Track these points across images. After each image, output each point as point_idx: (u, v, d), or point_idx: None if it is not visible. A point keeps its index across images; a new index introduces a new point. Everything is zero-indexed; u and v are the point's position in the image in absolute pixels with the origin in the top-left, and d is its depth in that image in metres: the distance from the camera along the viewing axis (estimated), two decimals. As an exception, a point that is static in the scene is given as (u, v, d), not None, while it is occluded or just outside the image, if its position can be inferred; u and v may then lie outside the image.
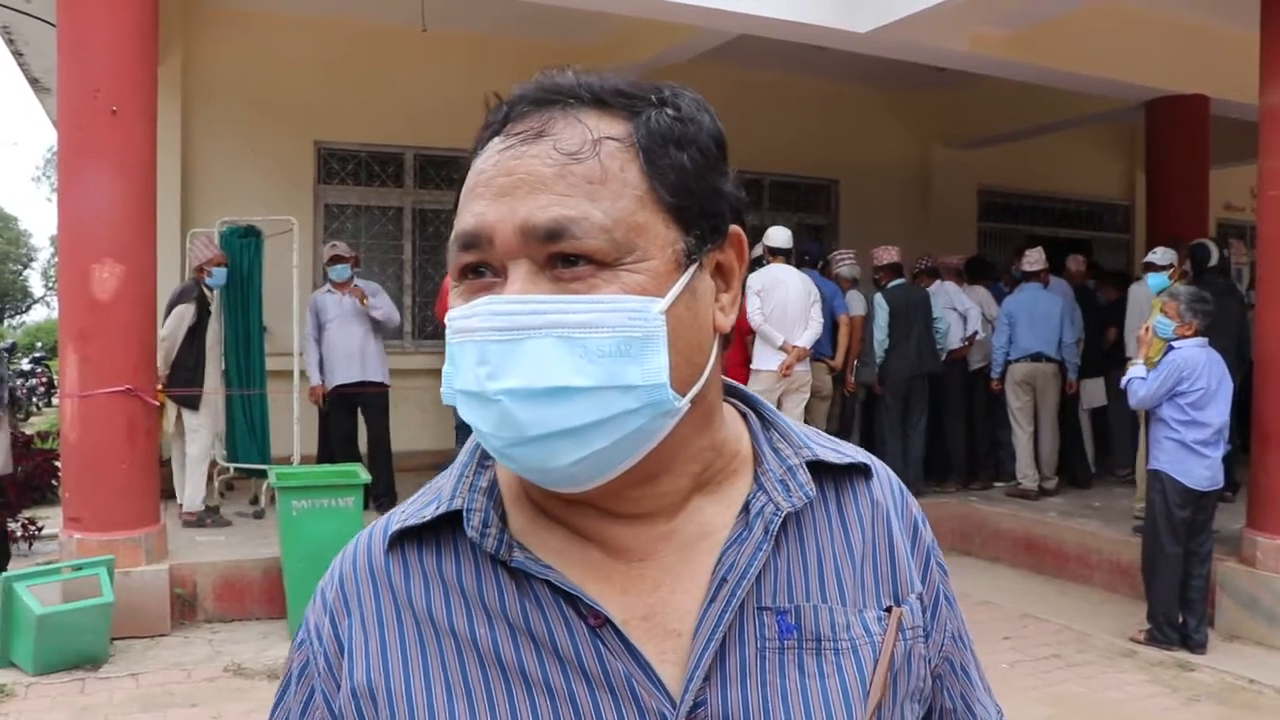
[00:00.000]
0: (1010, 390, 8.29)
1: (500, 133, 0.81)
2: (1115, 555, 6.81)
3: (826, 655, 0.82)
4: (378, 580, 0.86)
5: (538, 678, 0.79)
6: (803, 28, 7.07)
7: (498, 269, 0.77)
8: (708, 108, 0.84)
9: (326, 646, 0.86)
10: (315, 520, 5.60)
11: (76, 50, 5.58)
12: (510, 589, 0.81)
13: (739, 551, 0.82)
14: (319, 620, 0.88)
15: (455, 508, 0.84)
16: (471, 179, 0.80)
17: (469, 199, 0.79)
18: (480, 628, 0.81)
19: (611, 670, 0.78)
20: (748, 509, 0.84)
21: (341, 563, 0.90)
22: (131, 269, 5.65)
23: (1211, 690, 5.15)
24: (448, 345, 0.78)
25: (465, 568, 0.83)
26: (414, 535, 0.86)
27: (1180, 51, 8.60)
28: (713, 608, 0.80)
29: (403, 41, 8.95)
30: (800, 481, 0.86)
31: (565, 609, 0.80)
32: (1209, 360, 5.54)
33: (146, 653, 5.41)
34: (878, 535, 0.91)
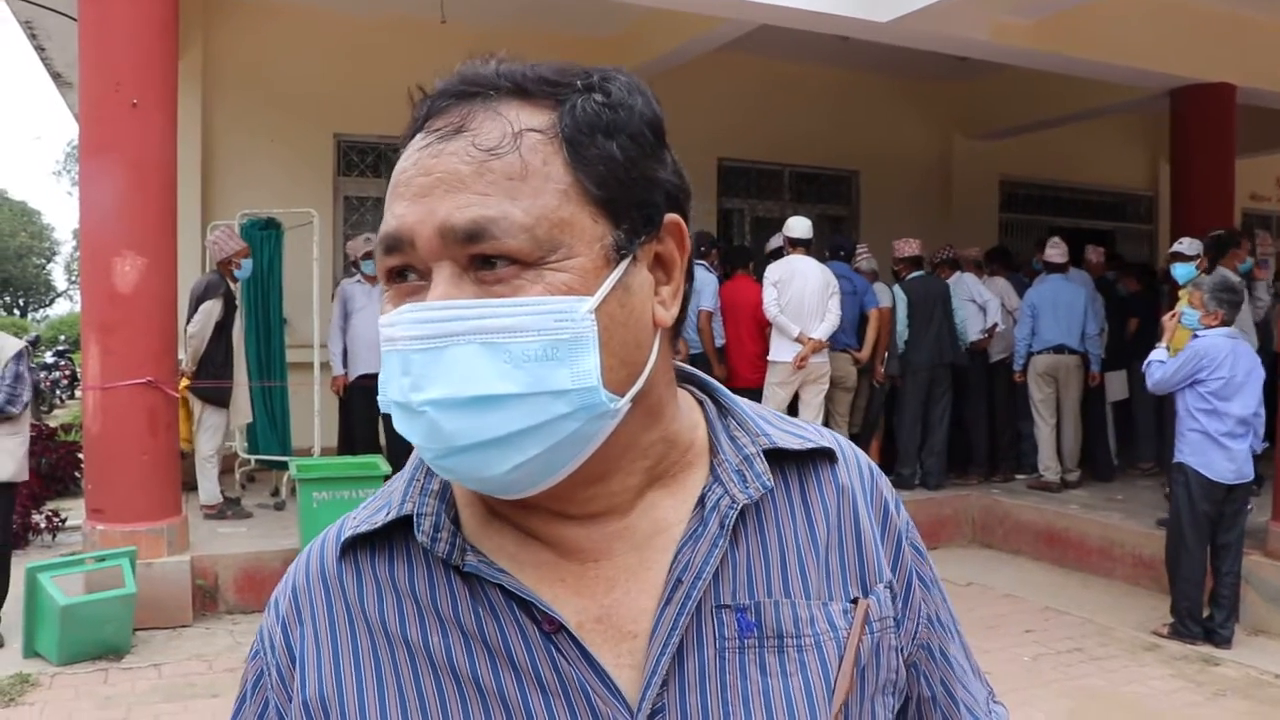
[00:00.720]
0: (1033, 382, 8.24)
1: (421, 129, 0.78)
2: (1138, 548, 6.76)
3: (789, 653, 0.79)
4: (330, 588, 0.83)
5: (491, 687, 0.76)
6: (824, 18, 7.03)
7: (423, 272, 0.74)
8: (642, 90, 0.79)
9: (279, 657, 0.84)
10: (336, 512, 5.61)
11: (97, 44, 5.61)
12: (463, 595, 0.79)
13: (694, 549, 0.79)
14: (272, 632, 0.85)
15: (406, 513, 0.81)
16: (393, 179, 0.77)
17: (390, 200, 0.76)
18: (433, 636, 0.78)
19: (566, 677, 0.76)
20: (703, 503, 0.81)
21: (294, 571, 0.87)
22: (152, 261, 5.67)
23: (1236, 685, 5.11)
24: (384, 352, 0.75)
25: (418, 574, 0.80)
26: (366, 541, 0.83)
27: (1206, 39, 8.49)
28: (668, 610, 0.77)
29: (422, 34, 8.93)
30: (757, 471, 0.83)
31: (519, 614, 0.77)
32: (1234, 350, 5.48)
33: (168, 643, 5.44)
34: (844, 523, 0.87)
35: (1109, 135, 12.51)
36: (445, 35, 8.62)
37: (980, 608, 6.33)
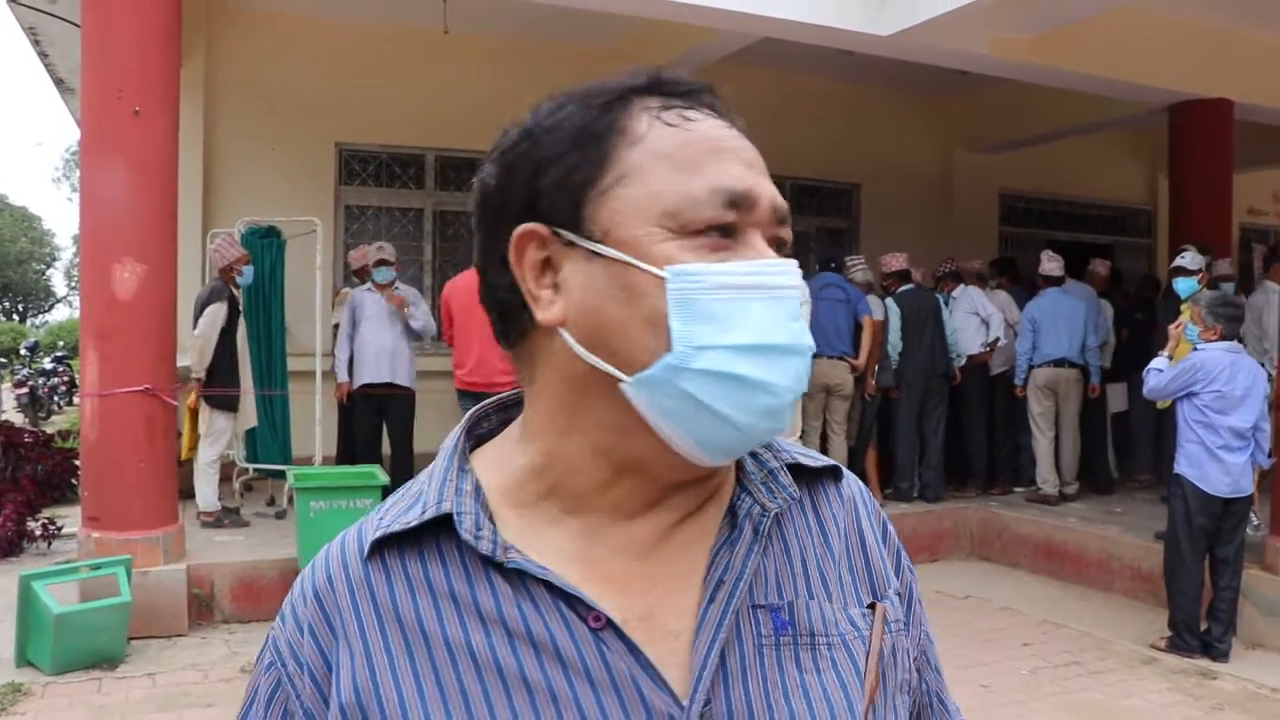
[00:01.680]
0: (1032, 395, 8.25)
1: (694, 107, 0.82)
2: (1136, 562, 6.75)
3: (820, 650, 0.83)
4: (357, 591, 0.82)
5: (540, 683, 0.76)
6: (824, 31, 7.05)
7: (730, 231, 0.77)
8: None
9: (311, 666, 0.82)
10: (333, 521, 5.61)
11: (100, 51, 5.62)
12: (505, 592, 0.79)
13: (732, 552, 0.82)
14: (294, 640, 0.83)
15: (445, 511, 0.81)
16: (705, 141, 0.79)
17: (718, 159, 0.79)
18: (475, 634, 0.78)
19: (616, 672, 0.77)
20: (734, 511, 0.85)
21: (313, 577, 0.85)
22: (152, 269, 5.67)
23: (1234, 699, 5.10)
24: (695, 300, 0.75)
25: (454, 573, 0.80)
26: (394, 543, 0.82)
27: (1204, 55, 8.52)
28: (712, 608, 0.80)
29: (424, 43, 8.97)
30: (783, 484, 0.87)
31: (564, 610, 0.78)
32: (1233, 364, 5.49)
33: (163, 653, 5.43)
34: (851, 535, 0.92)
35: (1108, 150, 12.54)
36: (448, 45, 8.64)
37: (978, 620, 6.32)
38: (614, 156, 0.79)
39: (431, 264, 9.86)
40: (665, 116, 0.80)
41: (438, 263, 9.90)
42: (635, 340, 0.76)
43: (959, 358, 8.37)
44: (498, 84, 9.42)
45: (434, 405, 8.49)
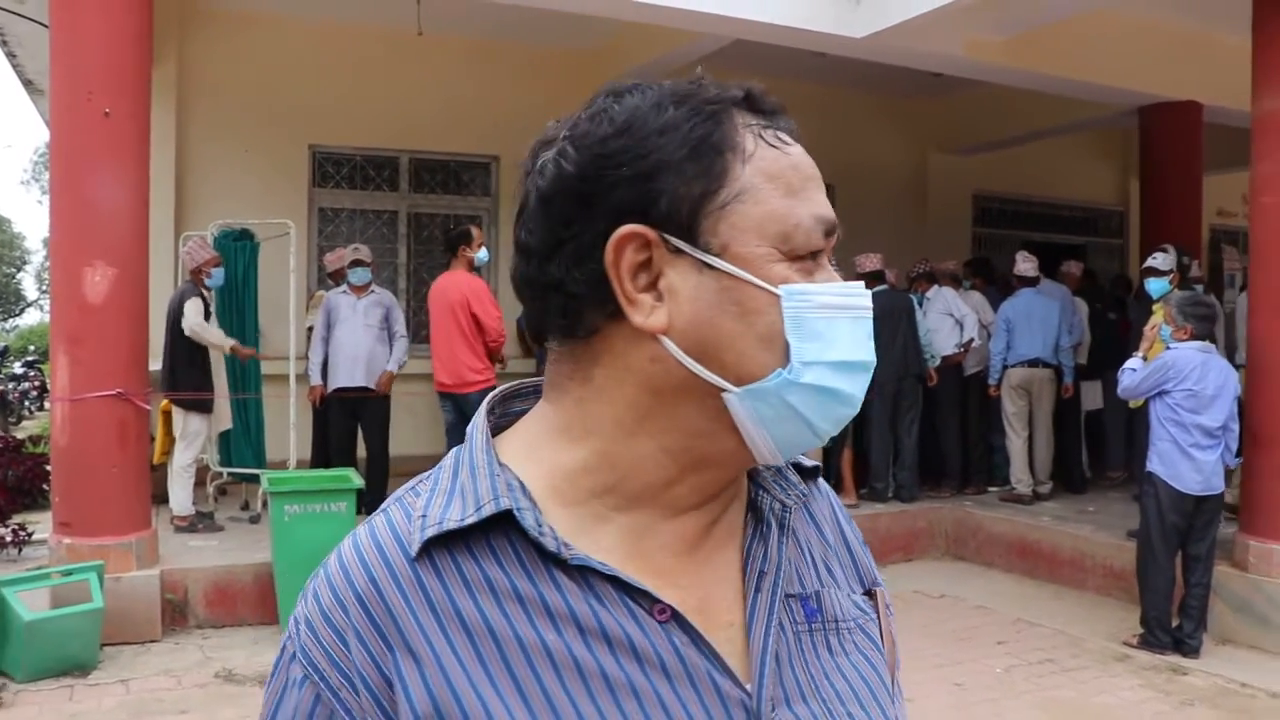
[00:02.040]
0: (1006, 395, 8.31)
1: (781, 128, 0.84)
2: (1109, 560, 6.81)
3: (844, 634, 0.88)
4: (410, 595, 0.77)
5: (620, 679, 0.76)
6: (799, 33, 7.08)
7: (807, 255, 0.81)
8: None
9: (364, 676, 0.76)
10: (307, 525, 5.58)
11: (69, 52, 5.57)
12: (571, 589, 0.78)
13: (765, 546, 0.86)
14: (335, 651, 0.78)
15: (504, 508, 0.78)
16: (801, 168, 0.83)
17: (811, 186, 0.83)
18: (548, 633, 0.76)
19: (689, 662, 0.78)
20: (755, 507, 0.89)
21: (350, 581, 0.79)
22: (124, 272, 5.62)
23: (1204, 694, 5.15)
24: (806, 318, 0.79)
25: (513, 571, 0.78)
26: (442, 542, 0.79)
27: (1173, 58, 8.62)
28: (760, 598, 0.84)
29: (398, 45, 8.94)
30: (792, 481, 0.92)
31: (630, 605, 0.78)
32: (1205, 363, 5.55)
33: (136, 659, 5.38)
34: (834, 529, 0.97)
35: (1080, 151, 12.66)
36: (422, 47, 8.62)
37: (953, 619, 6.36)
38: (731, 172, 0.79)
39: (406, 266, 9.82)
40: (766, 136, 0.82)
41: (412, 265, 9.87)
42: (746, 354, 0.78)
43: (933, 358, 8.41)
44: (472, 86, 9.42)
45: (409, 408, 8.48)
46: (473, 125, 9.55)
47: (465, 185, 10.05)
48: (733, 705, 0.78)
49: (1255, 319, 6.11)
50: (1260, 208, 5.99)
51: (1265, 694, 5.14)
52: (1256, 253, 6.11)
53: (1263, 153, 5.95)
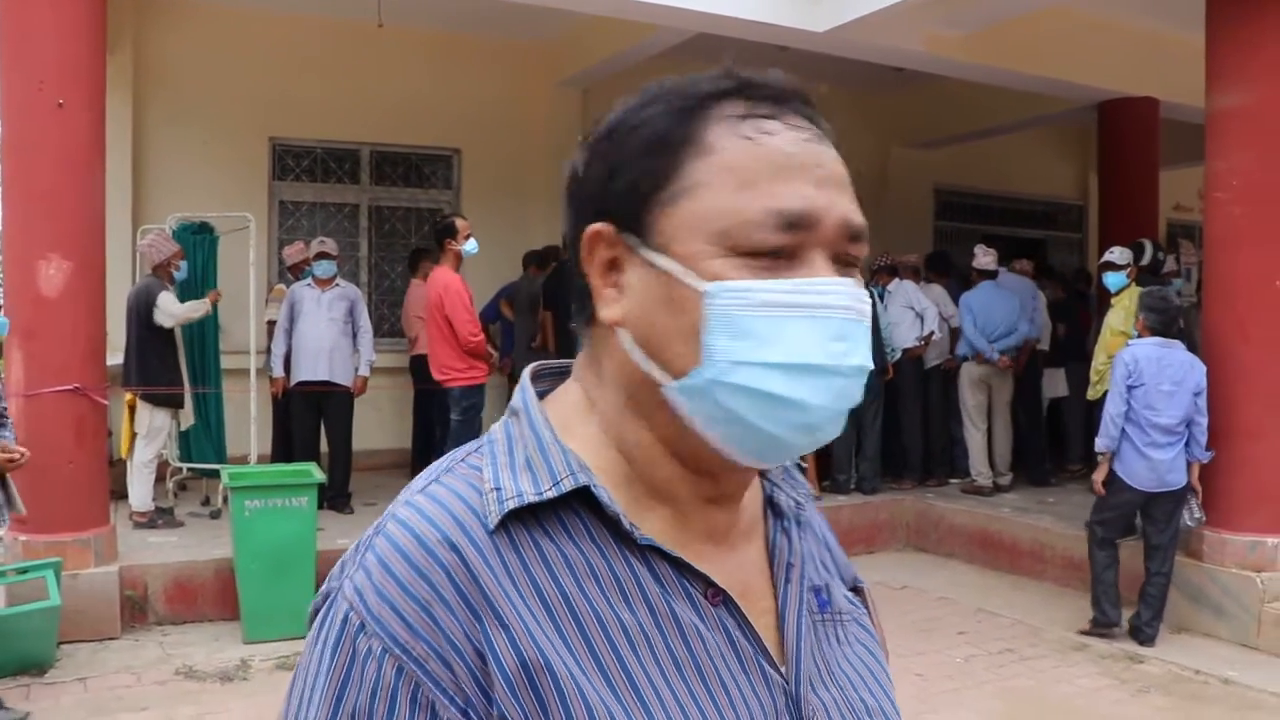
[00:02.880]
0: (966, 388, 8.38)
1: (777, 118, 0.81)
2: (1068, 551, 6.90)
3: (846, 626, 0.92)
4: (491, 564, 0.76)
5: (686, 658, 0.79)
6: (761, 27, 7.09)
7: (793, 251, 0.78)
8: None
9: (459, 647, 0.73)
10: (268, 520, 5.54)
11: (20, 41, 5.48)
12: (640, 568, 0.80)
13: (789, 539, 0.90)
14: (417, 622, 0.74)
15: (582, 484, 0.79)
16: (775, 156, 0.79)
17: (783, 178, 0.78)
18: (622, 611, 0.78)
19: (739, 645, 0.82)
20: (773, 503, 0.92)
21: (431, 554, 0.76)
22: (80, 265, 5.55)
23: (1159, 681, 5.24)
24: (736, 316, 0.76)
25: (586, 547, 0.79)
26: (517, 516, 0.79)
27: (1131, 55, 8.73)
28: (790, 588, 0.88)
29: (359, 37, 8.87)
30: (797, 480, 0.96)
31: (688, 587, 0.81)
32: (1160, 359, 5.62)
33: (95, 656, 5.32)
34: (817, 528, 0.99)
35: (1040, 146, 12.79)
36: (382, 39, 8.56)
37: (914, 610, 6.42)
38: (682, 168, 0.79)
39: (367, 260, 9.76)
40: (742, 128, 0.80)
41: (373, 259, 9.81)
42: (677, 350, 0.78)
43: (894, 352, 8.47)
44: (433, 78, 9.37)
45: (372, 402, 8.42)
46: (434, 118, 9.50)
47: (427, 178, 9.99)
48: (775, 687, 0.82)
49: (1209, 313, 6.21)
50: (1214, 203, 6.08)
51: (1217, 680, 5.24)
52: (1210, 248, 6.21)
53: (1217, 149, 6.04)
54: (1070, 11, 8.09)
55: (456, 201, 9.90)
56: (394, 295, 9.69)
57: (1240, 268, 5.93)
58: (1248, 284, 5.90)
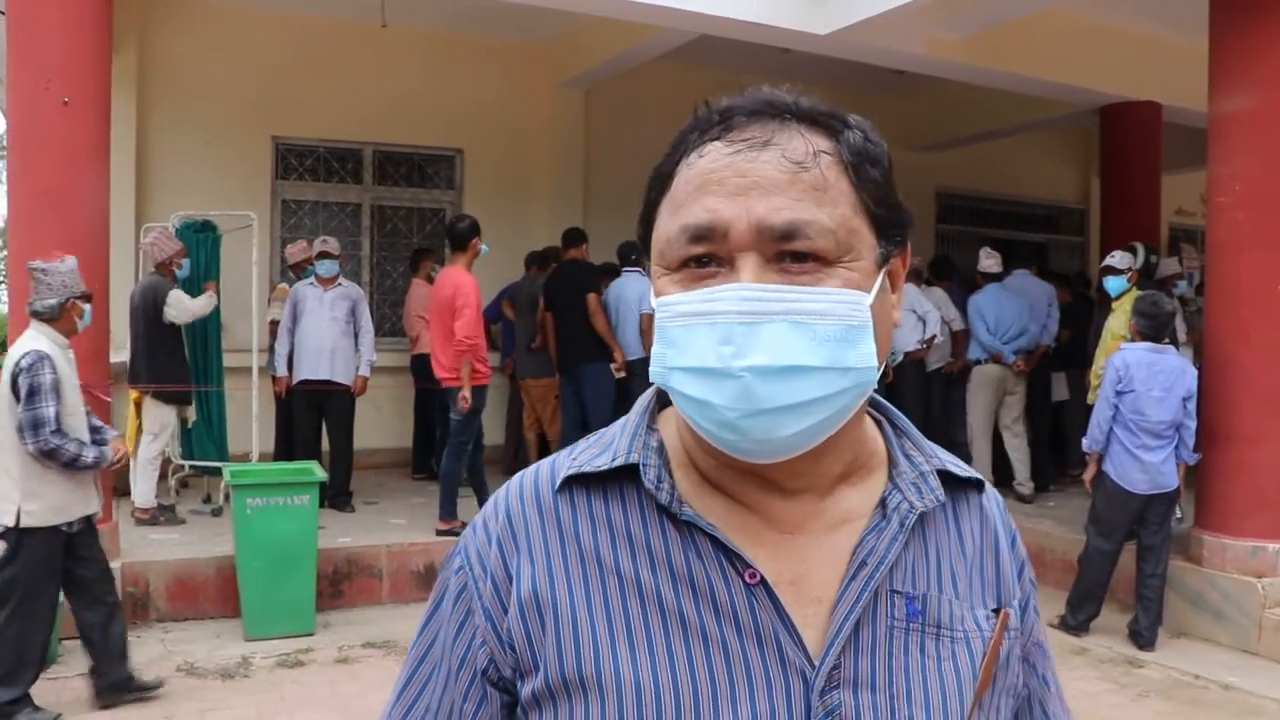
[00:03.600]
0: (976, 392, 8.33)
1: (721, 138, 0.87)
2: (1068, 554, 6.88)
3: (944, 641, 0.92)
4: (545, 516, 0.93)
5: (694, 622, 0.87)
6: (762, 29, 7.10)
7: (724, 259, 0.84)
8: (879, 134, 0.93)
9: (494, 573, 0.93)
10: (270, 518, 5.55)
11: (27, 40, 5.49)
12: (675, 540, 0.90)
13: (878, 539, 0.91)
14: (482, 549, 0.95)
15: (632, 461, 0.92)
16: (696, 178, 0.86)
17: (698, 195, 0.85)
18: (644, 571, 0.89)
19: (762, 624, 0.87)
20: (884, 503, 0.94)
21: (507, 498, 0.97)
22: (84, 262, 5.52)
23: (1159, 686, 5.24)
24: (665, 327, 0.86)
25: (632, 516, 0.92)
26: (582, 482, 0.94)
27: (1133, 59, 8.73)
28: (853, 585, 0.89)
29: (362, 37, 8.89)
30: (931, 486, 0.96)
31: (725, 565, 0.88)
32: (1151, 364, 5.64)
33: (97, 652, 5.33)
34: (985, 544, 1.00)
35: (1042, 150, 12.79)
36: (386, 39, 8.58)
37: (914, 613, 6.41)
38: (659, 201, 0.90)
39: (369, 259, 9.77)
40: (689, 158, 0.88)
41: (375, 258, 9.82)
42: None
43: (895, 355, 8.47)
44: (435, 79, 9.38)
45: (373, 401, 8.44)
46: (437, 118, 9.52)
47: (429, 178, 10.00)
48: (792, 671, 0.86)
49: (1210, 318, 6.22)
50: (1217, 208, 6.09)
51: (1217, 686, 5.25)
52: (1212, 253, 6.22)
53: (1219, 153, 6.05)
54: (1071, 15, 8.09)
55: (459, 201, 9.91)
56: (396, 295, 9.70)
57: (1242, 272, 5.94)
58: (1250, 288, 5.91)
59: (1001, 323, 8.19)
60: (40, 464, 4.35)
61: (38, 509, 4.37)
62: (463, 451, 6.87)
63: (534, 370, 8.50)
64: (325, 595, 6.05)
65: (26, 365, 4.34)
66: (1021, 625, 1.02)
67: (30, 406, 4.29)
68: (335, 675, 5.17)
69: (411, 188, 9.92)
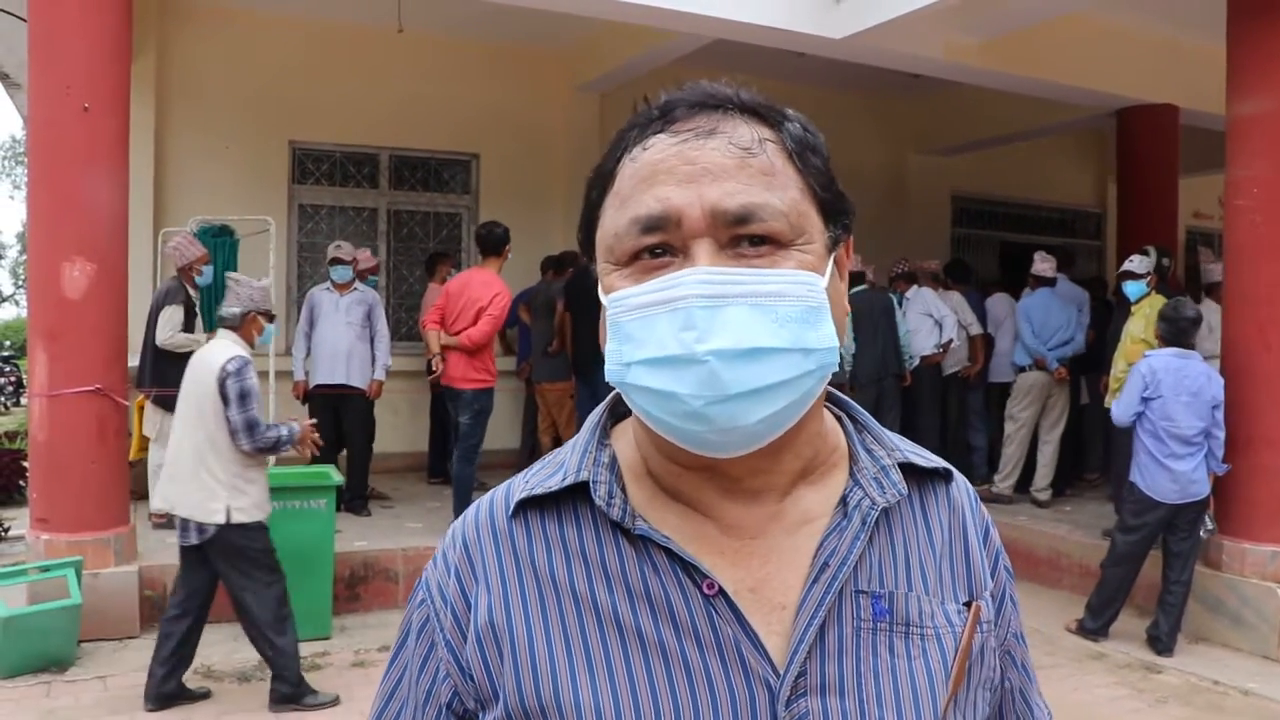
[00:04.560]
0: (1021, 398, 8.26)
1: (664, 130, 0.87)
2: (1085, 559, 6.87)
3: (914, 639, 0.89)
4: (501, 543, 0.92)
5: (653, 639, 0.85)
6: (779, 33, 7.10)
7: (677, 249, 0.84)
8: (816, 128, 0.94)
9: (454, 603, 0.92)
10: (287, 522, 5.55)
11: (48, 46, 5.54)
12: (630, 556, 0.88)
13: (839, 539, 0.89)
14: (442, 580, 0.94)
15: (582, 479, 0.90)
16: (643, 170, 0.86)
17: (646, 186, 0.85)
18: (600, 590, 0.88)
19: (723, 636, 0.85)
20: (845, 501, 0.92)
21: (464, 527, 0.96)
22: (102, 267, 5.60)
23: (1178, 692, 5.21)
24: (620, 322, 0.84)
25: (586, 535, 0.90)
26: (536, 504, 0.92)
27: (1150, 62, 8.69)
28: (815, 588, 0.87)
29: (379, 42, 8.93)
30: (893, 480, 0.94)
31: (681, 577, 0.87)
32: (1178, 369, 5.60)
33: (115, 655, 5.36)
34: (954, 535, 0.98)
35: (1058, 153, 12.74)
36: (402, 44, 8.61)
37: (930, 618, 6.39)
38: (602, 201, 0.90)
39: (386, 264, 9.80)
40: (632, 152, 0.88)
41: (392, 263, 9.85)
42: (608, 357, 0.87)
43: (911, 359, 8.44)
44: (451, 83, 9.41)
45: (391, 406, 8.47)
46: (453, 123, 9.54)
47: (445, 183, 10.03)
48: (756, 682, 0.84)
49: (1229, 322, 6.17)
50: (1234, 211, 6.06)
51: (1237, 692, 5.21)
52: (1231, 256, 6.18)
53: (1237, 156, 6.01)
54: (1089, 19, 8.07)
55: (475, 206, 9.93)
56: (412, 299, 9.73)
57: (1261, 276, 5.91)
58: (1269, 292, 5.87)
59: (1047, 328, 8.13)
60: (249, 461, 4.60)
61: (246, 505, 4.57)
62: (474, 455, 6.93)
63: (549, 374, 8.52)
64: (341, 599, 6.07)
65: (234, 370, 4.53)
66: (998, 617, 0.99)
67: (244, 409, 4.52)
68: (351, 679, 5.18)
69: (428, 192, 9.95)
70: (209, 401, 4.52)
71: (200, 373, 4.60)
